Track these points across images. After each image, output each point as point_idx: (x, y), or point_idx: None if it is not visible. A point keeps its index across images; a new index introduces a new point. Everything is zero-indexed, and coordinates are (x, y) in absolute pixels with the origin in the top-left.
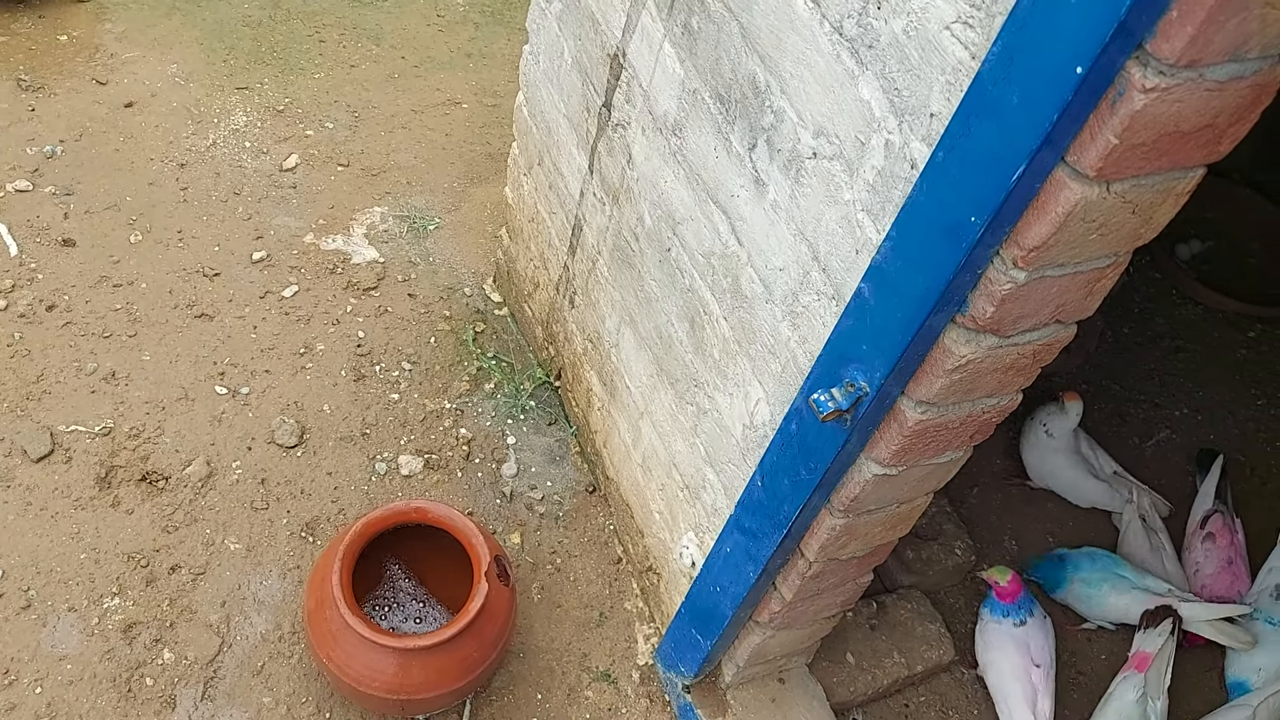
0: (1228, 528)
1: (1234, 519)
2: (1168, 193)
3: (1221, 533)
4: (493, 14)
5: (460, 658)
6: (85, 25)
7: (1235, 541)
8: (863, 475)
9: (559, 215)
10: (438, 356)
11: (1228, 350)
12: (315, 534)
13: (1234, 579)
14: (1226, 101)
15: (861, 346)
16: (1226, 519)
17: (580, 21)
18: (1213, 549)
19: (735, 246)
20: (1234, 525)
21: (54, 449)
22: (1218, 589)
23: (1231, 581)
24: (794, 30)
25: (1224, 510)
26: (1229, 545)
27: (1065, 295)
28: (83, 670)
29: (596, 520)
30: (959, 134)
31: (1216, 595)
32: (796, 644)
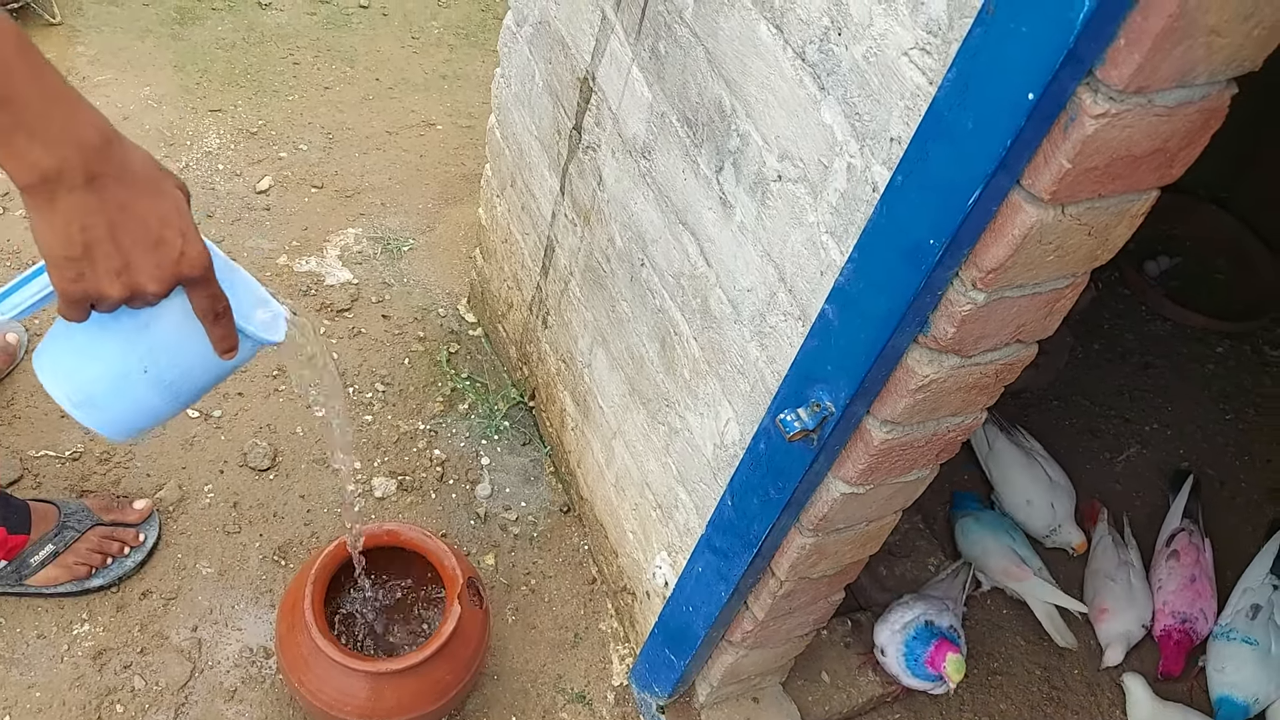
0: (1194, 546)
1: (1203, 538)
2: (1122, 215)
3: (1187, 550)
4: (467, 36)
5: (433, 680)
6: (58, 48)
7: (1201, 560)
8: (831, 494)
9: (531, 236)
10: (411, 378)
11: (1196, 365)
12: (287, 557)
13: (1196, 596)
14: (1176, 126)
15: (827, 367)
16: (1194, 538)
17: (550, 45)
18: (1176, 566)
19: (704, 267)
20: (1201, 544)
21: (23, 474)
22: (1179, 605)
23: (1194, 598)
24: (758, 55)
25: (1192, 529)
26: (1194, 563)
27: (1025, 316)
28: (52, 698)
29: (571, 540)
30: (917, 158)
31: (1177, 611)
32: (770, 663)
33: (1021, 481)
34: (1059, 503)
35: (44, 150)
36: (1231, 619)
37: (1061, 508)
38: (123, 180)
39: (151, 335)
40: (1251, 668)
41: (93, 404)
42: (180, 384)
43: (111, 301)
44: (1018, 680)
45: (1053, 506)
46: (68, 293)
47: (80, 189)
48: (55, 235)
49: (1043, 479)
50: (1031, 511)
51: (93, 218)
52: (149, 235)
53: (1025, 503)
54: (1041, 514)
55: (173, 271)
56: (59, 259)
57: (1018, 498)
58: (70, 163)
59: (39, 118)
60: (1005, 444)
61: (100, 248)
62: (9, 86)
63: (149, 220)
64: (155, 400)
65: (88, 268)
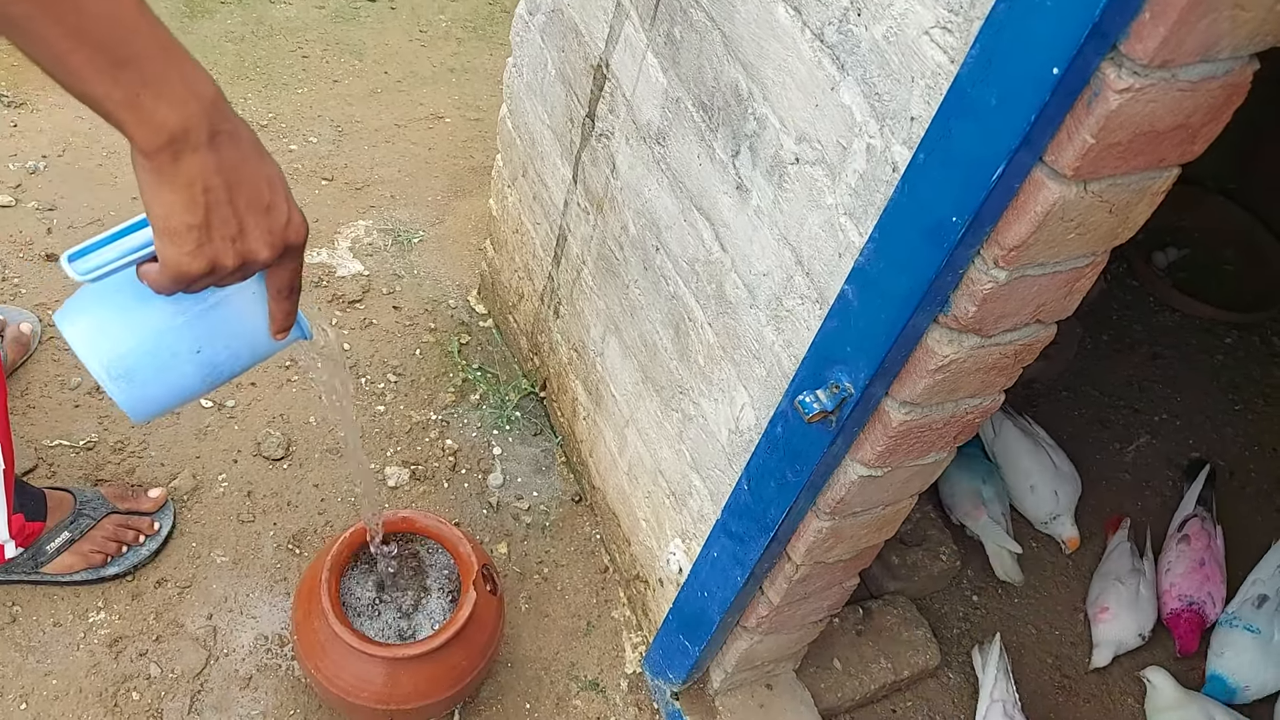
0: (1205, 532)
1: (1214, 526)
2: (1144, 192)
3: (1198, 536)
4: (475, 29)
5: (449, 667)
6: None
7: (1211, 545)
8: (848, 477)
9: (543, 226)
10: (423, 368)
11: (1205, 356)
12: (302, 545)
13: (1204, 580)
14: (1200, 101)
15: (845, 348)
16: (1206, 524)
17: (563, 33)
18: (1186, 550)
19: (719, 253)
20: (1213, 531)
21: (38, 463)
22: (1186, 588)
23: (1201, 582)
24: (775, 38)
25: (1205, 516)
26: (1204, 548)
27: (1045, 295)
28: (68, 685)
29: (583, 530)
30: (939, 136)
31: (1184, 594)
32: (784, 649)
33: (1026, 466)
34: (1062, 491)
35: (170, 108)
36: (1238, 607)
37: (1065, 497)
38: (236, 139)
39: (216, 316)
40: (1250, 654)
41: (131, 379)
42: (224, 367)
43: (224, 272)
44: (1029, 669)
45: (1056, 494)
46: (184, 267)
47: (204, 147)
48: (179, 199)
49: (1048, 465)
50: (1034, 497)
51: (214, 179)
52: (261, 199)
53: (1029, 488)
54: (1044, 500)
55: (282, 238)
56: (180, 227)
57: (1022, 483)
58: (195, 119)
59: (162, 75)
60: (1011, 429)
61: (218, 212)
62: (132, 46)
63: (260, 183)
64: (194, 381)
65: (205, 236)
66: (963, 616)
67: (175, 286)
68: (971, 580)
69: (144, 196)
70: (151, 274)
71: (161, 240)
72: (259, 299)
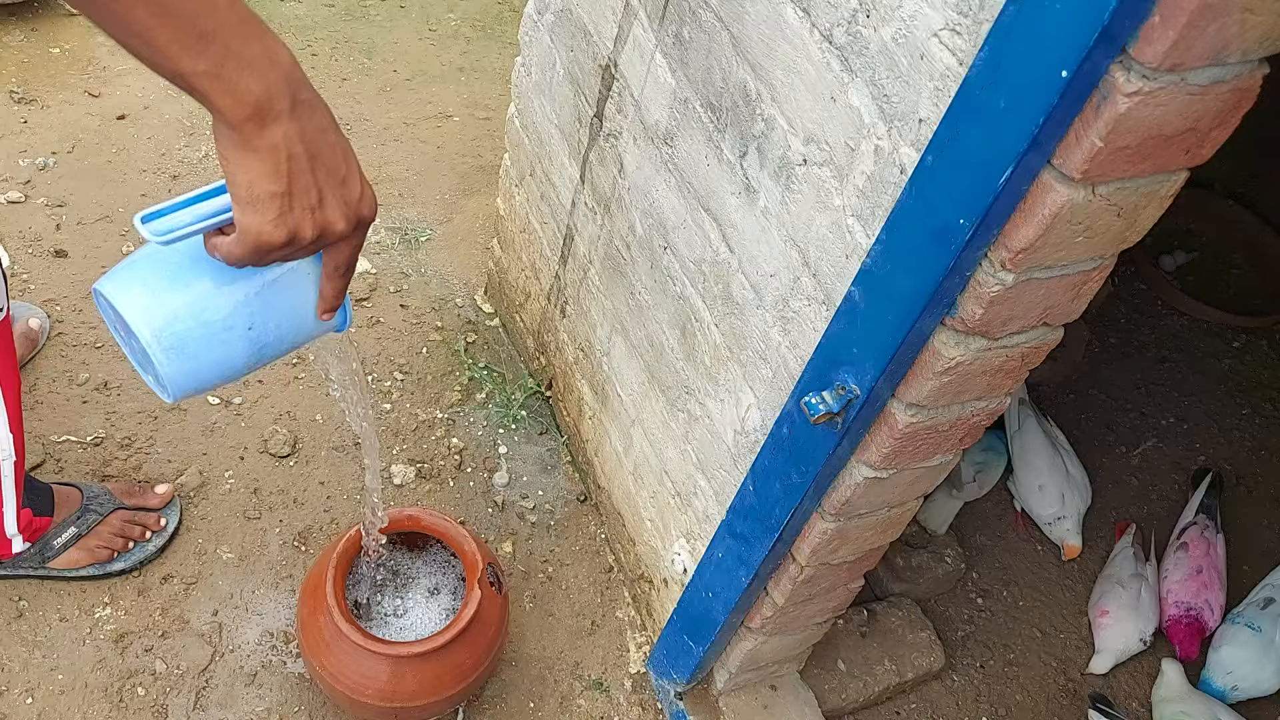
0: (1205, 540)
1: (1216, 534)
2: (1152, 196)
3: (1196, 543)
4: (484, 28)
5: (453, 664)
6: (78, 38)
7: (1211, 553)
8: (854, 478)
9: (550, 225)
10: (429, 367)
11: (1213, 360)
12: (308, 543)
13: (1201, 587)
14: (1208, 105)
15: (852, 350)
16: (1206, 532)
17: (572, 33)
18: (1184, 557)
19: (726, 253)
20: (1213, 539)
21: (46, 459)
22: (1183, 595)
23: (1199, 589)
24: (784, 39)
25: (1206, 524)
26: (1202, 555)
27: (1052, 298)
28: (74, 680)
29: (588, 529)
30: (947, 138)
31: (1181, 601)
32: (788, 650)
33: (1039, 465)
34: (1070, 496)
35: (253, 78)
36: (1244, 607)
37: (1071, 503)
38: (315, 109)
39: (271, 293)
40: (1248, 652)
41: (182, 350)
42: (269, 347)
43: (301, 243)
44: (1033, 672)
45: (1062, 498)
46: (266, 236)
47: (286, 116)
48: (264, 168)
49: (1060, 469)
50: (1040, 496)
51: (296, 147)
52: (339, 171)
53: (1037, 487)
54: (1050, 501)
55: (355, 211)
56: (265, 196)
57: (1031, 480)
58: (277, 87)
59: (243, 46)
60: (1034, 427)
61: (300, 180)
62: (213, 19)
63: (337, 154)
64: (239, 360)
65: (288, 205)
66: (967, 619)
67: (252, 258)
68: (976, 583)
69: (227, 168)
70: (225, 245)
71: (244, 210)
72: (311, 279)
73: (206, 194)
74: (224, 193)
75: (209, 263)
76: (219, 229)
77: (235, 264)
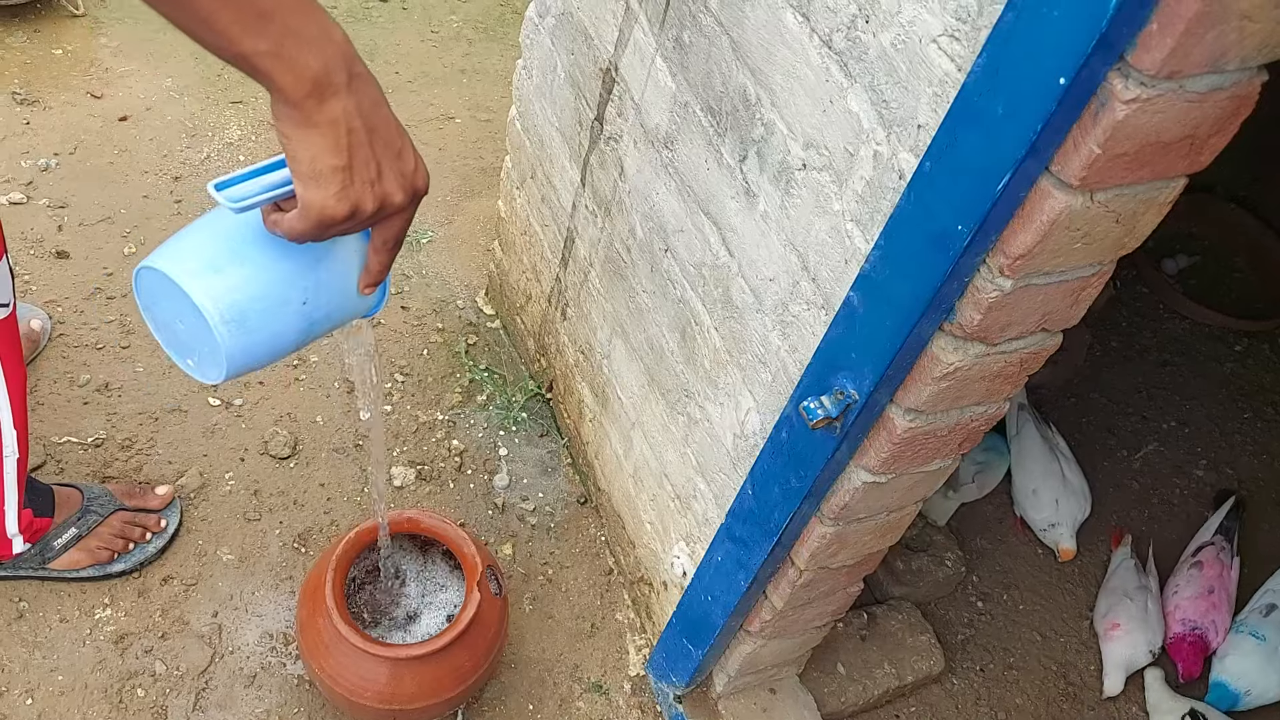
0: (1219, 562)
1: (1232, 557)
2: (1150, 202)
3: (1211, 564)
4: (486, 30)
5: (453, 667)
6: (81, 39)
7: (1224, 575)
8: (852, 483)
9: (551, 228)
10: (430, 369)
11: (1215, 364)
12: (308, 544)
13: (1210, 607)
14: (1207, 112)
15: (851, 355)
16: (1223, 555)
17: (573, 36)
18: (1196, 576)
19: (726, 257)
20: (1229, 562)
21: (46, 460)
22: (1191, 613)
23: (1207, 609)
24: (784, 44)
25: (1224, 546)
26: (1215, 576)
27: (1051, 304)
28: (74, 681)
29: (588, 531)
30: (946, 144)
31: (1188, 619)
32: (788, 654)
33: (1035, 470)
34: (1065, 502)
35: (312, 54)
36: (1246, 615)
37: (1065, 508)
38: (368, 83)
39: (324, 268)
40: (1253, 660)
41: (242, 323)
42: (318, 324)
43: (362, 216)
44: (1033, 675)
45: (1056, 503)
46: (329, 210)
47: (344, 90)
48: (326, 143)
49: (1056, 475)
50: (1034, 500)
51: (355, 120)
52: (394, 143)
53: (1031, 491)
54: (1044, 506)
55: (411, 183)
56: (327, 170)
57: (1026, 484)
58: (334, 62)
59: (301, 24)
60: (1032, 432)
61: (360, 154)
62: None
63: (392, 128)
64: (290, 335)
65: (349, 178)
66: (967, 622)
67: (314, 232)
68: (976, 586)
69: (289, 145)
70: (287, 221)
71: (307, 185)
72: (358, 256)
73: (272, 165)
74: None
75: (263, 237)
76: (276, 206)
77: (296, 239)
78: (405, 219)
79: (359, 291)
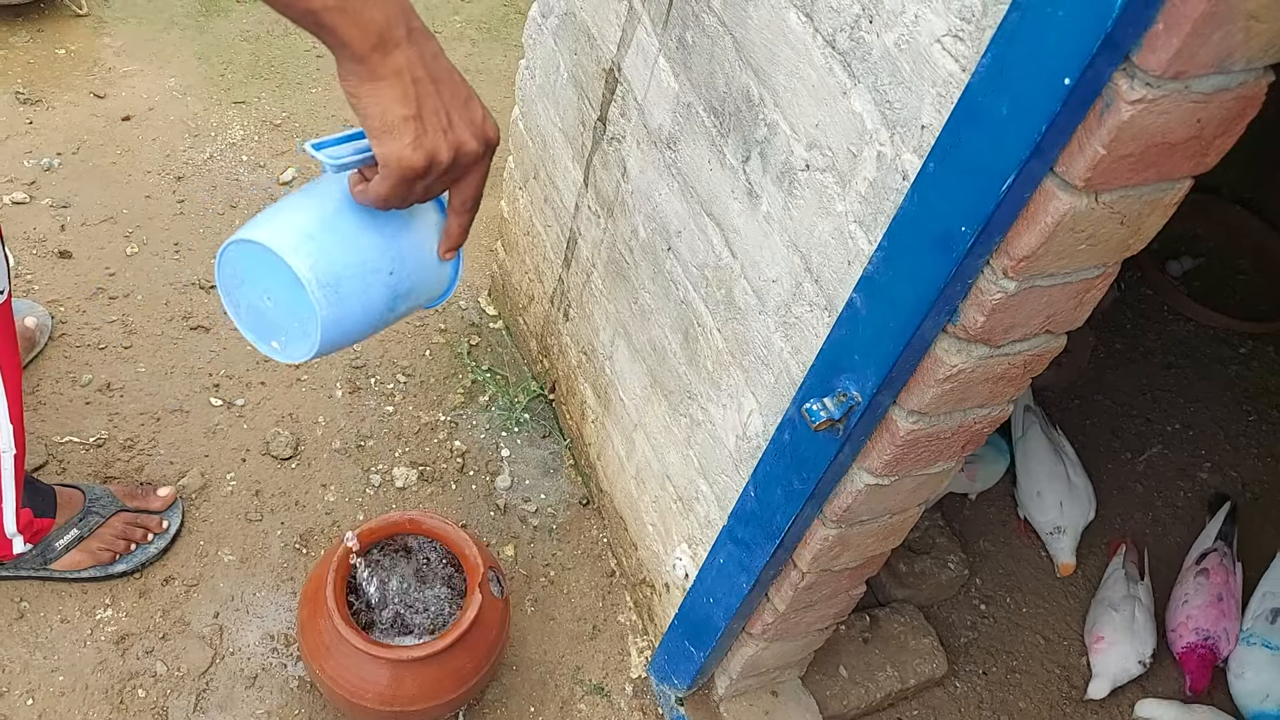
0: (1224, 567)
1: (1234, 562)
2: (1156, 204)
3: (1217, 571)
4: (489, 30)
5: (453, 669)
6: (84, 39)
7: (1230, 582)
8: (855, 485)
9: (554, 228)
10: (432, 369)
11: (1219, 366)
12: (309, 545)
13: (1221, 615)
14: (1213, 113)
15: (854, 356)
16: (1225, 560)
17: (576, 36)
18: (1204, 583)
19: (729, 258)
20: (1232, 568)
21: (48, 460)
22: (1203, 622)
23: (1218, 617)
24: (787, 44)
25: (1225, 551)
26: (1222, 583)
27: (1055, 305)
28: (75, 681)
29: (590, 533)
30: (950, 145)
31: (1201, 628)
32: (790, 656)
33: (1039, 473)
34: (1069, 506)
35: (375, 8)
36: (1252, 624)
37: (1070, 513)
38: (427, 36)
39: (405, 237)
40: (1271, 672)
41: (337, 289)
42: (401, 300)
43: (440, 168)
44: (1037, 679)
45: (1060, 506)
46: (407, 160)
47: (405, 41)
48: (394, 93)
49: (1061, 477)
50: (1039, 503)
51: (419, 70)
52: (460, 92)
53: (1035, 494)
54: (1048, 508)
55: (482, 130)
56: (398, 120)
57: (1030, 486)
58: (395, 16)
59: None
60: (1037, 434)
61: (428, 103)
62: None
63: (455, 77)
64: (379, 307)
65: (421, 127)
66: (970, 625)
67: (398, 190)
68: (980, 589)
69: (359, 104)
70: (371, 186)
71: (381, 140)
72: (436, 228)
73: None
74: None
75: (350, 208)
76: (361, 176)
77: (381, 204)
78: (481, 173)
79: (440, 257)
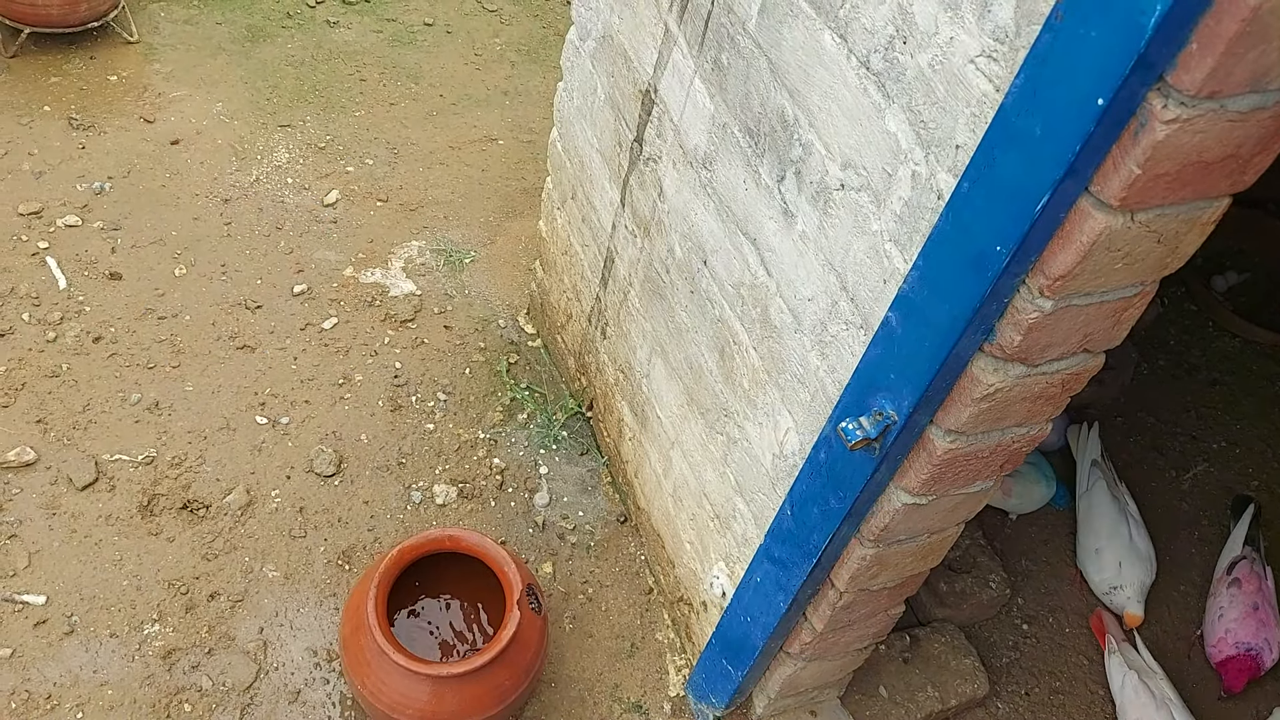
0: (1255, 574)
1: (1264, 566)
2: (1193, 222)
3: (1249, 579)
4: (529, 53)
5: (493, 685)
6: (134, 65)
7: (1264, 588)
8: (892, 504)
9: (591, 248)
10: (472, 387)
11: (1265, 383)
12: (351, 562)
13: (1260, 625)
14: (1249, 132)
15: (889, 375)
16: (1255, 566)
17: (613, 59)
18: (1239, 594)
19: (764, 277)
20: (1263, 572)
21: (98, 477)
22: (1243, 635)
23: (1258, 628)
24: (821, 65)
25: (1254, 557)
26: (1255, 591)
27: (1092, 324)
28: (123, 696)
29: (628, 550)
30: (984, 165)
31: (1241, 641)
32: (828, 676)
33: (1101, 529)
34: (1128, 565)
35: None
36: None
37: (1130, 572)
38: None
39: None
40: None
41: None
42: None
43: None
44: (1079, 700)
45: (1120, 565)
46: None
47: None
48: None
49: (1123, 537)
50: (1097, 561)
51: None
52: None
53: (1095, 550)
54: (1106, 566)
55: None
56: None
57: (1090, 543)
58: None
59: None
60: (1103, 489)
61: None
62: None
63: None
64: None
65: None
66: (1013, 645)
67: None
68: (1022, 608)
69: None
70: None
71: None
72: None
73: None
74: None
75: None
76: None
77: None
78: None
79: None
